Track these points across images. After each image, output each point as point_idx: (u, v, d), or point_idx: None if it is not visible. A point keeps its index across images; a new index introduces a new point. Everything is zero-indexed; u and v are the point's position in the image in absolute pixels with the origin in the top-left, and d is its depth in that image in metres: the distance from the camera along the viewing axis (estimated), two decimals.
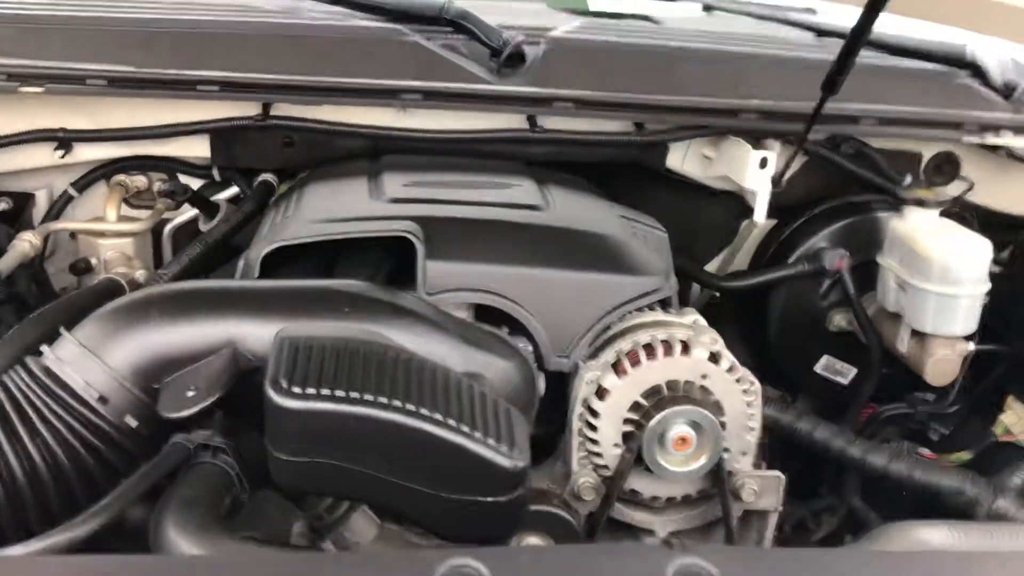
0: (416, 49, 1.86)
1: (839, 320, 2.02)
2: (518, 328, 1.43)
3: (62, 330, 1.26)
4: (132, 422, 1.21)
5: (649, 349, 1.42)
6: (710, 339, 1.42)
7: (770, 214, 1.97)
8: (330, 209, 1.52)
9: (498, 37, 1.94)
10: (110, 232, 2.02)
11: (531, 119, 1.94)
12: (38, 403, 1.19)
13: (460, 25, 1.96)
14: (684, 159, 2.07)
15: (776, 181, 1.93)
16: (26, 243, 1.86)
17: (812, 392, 2.17)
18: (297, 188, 1.73)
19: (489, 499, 1.08)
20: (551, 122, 1.95)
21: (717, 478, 1.43)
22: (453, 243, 1.42)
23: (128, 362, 1.22)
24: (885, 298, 1.91)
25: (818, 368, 2.10)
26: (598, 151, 1.99)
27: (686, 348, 1.41)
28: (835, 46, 2.12)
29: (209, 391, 1.17)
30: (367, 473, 1.08)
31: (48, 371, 1.22)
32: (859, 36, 1.61)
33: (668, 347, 1.42)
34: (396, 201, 1.55)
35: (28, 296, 1.87)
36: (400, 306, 1.28)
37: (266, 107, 1.89)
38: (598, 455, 1.43)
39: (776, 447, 1.87)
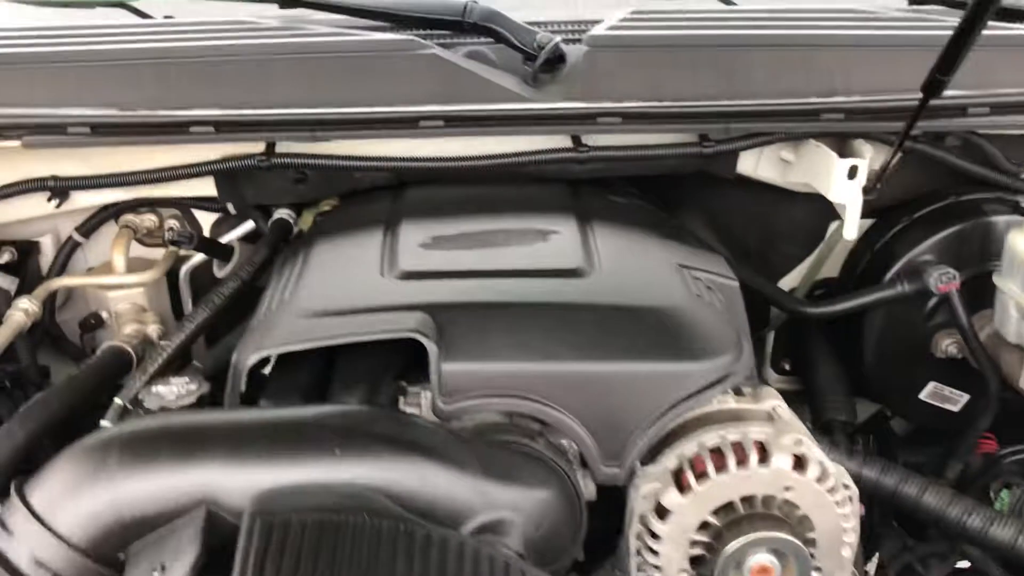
0: (435, 64, 1.59)
1: (948, 346, 1.72)
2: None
3: (12, 489, 1.07)
4: None
5: (718, 456, 1.16)
6: (793, 440, 1.15)
7: (863, 213, 1.67)
8: (331, 293, 1.29)
9: (531, 39, 1.67)
10: (117, 285, 1.83)
11: (575, 138, 1.66)
12: None
13: (486, 28, 1.69)
14: (758, 164, 1.77)
15: (869, 189, 1.63)
16: (20, 313, 1.69)
17: (916, 419, 1.89)
18: (305, 245, 1.50)
19: None
20: (598, 138, 1.67)
21: None
22: (474, 336, 1.18)
23: (85, 529, 1.03)
24: (1004, 326, 1.61)
25: (923, 395, 1.81)
26: (654, 164, 1.71)
27: (764, 453, 1.16)
28: (934, 17, 1.79)
29: (179, 571, 0.97)
30: None
31: None
32: (972, 25, 1.28)
33: (742, 452, 1.16)
34: (408, 277, 1.30)
35: (31, 373, 1.70)
36: (403, 442, 1.05)
37: (270, 145, 1.65)
38: None
39: None
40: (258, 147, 1.66)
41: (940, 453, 1.87)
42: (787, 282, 1.94)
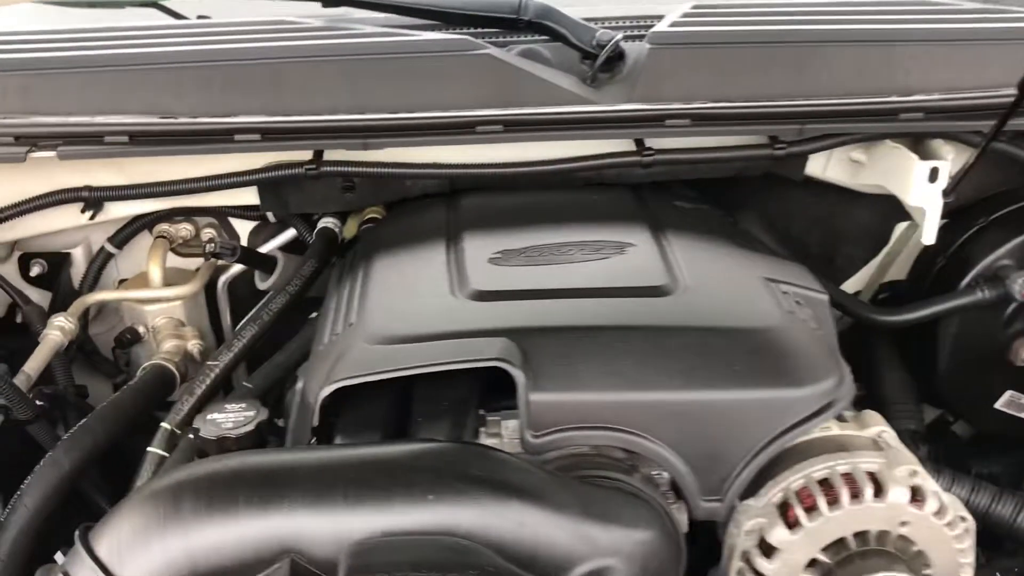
0: (491, 65, 1.50)
1: None
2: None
3: (77, 537, 0.98)
4: None
5: (828, 488, 1.09)
6: (908, 471, 1.07)
7: None
8: (402, 316, 1.20)
9: (589, 36, 1.58)
10: (155, 299, 1.75)
11: (638, 141, 1.57)
12: None
13: (542, 26, 1.60)
14: (827, 166, 1.69)
15: (948, 192, 1.55)
16: (57, 332, 1.61)
17: (989, 427, 1.81)
18: (363, 260, 1.42)
19: None
20: (662, 140, 1.59)
21: None
22: (562, 364, 1.10)
23: None
24: None
25: (999, 405, 1.73)
26: (720, 167, 1.63)
27: (878, 486, 1.08)
28: (1015, 9, 1.71)
29: None
30: None
31: None
32: None
33: (854, 486, 1.08)
34: (483, 297, 1.22)
35: (68, 394, 1.62)
36: (499, 484, 0.97)
37: (318, 152, 1.57)
38: None
39: None
40: (305, 154, 1.57)
41: (1015, 462, 1.80)
42: (850, 285, 1.86)
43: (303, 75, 1.51)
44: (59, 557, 1.01)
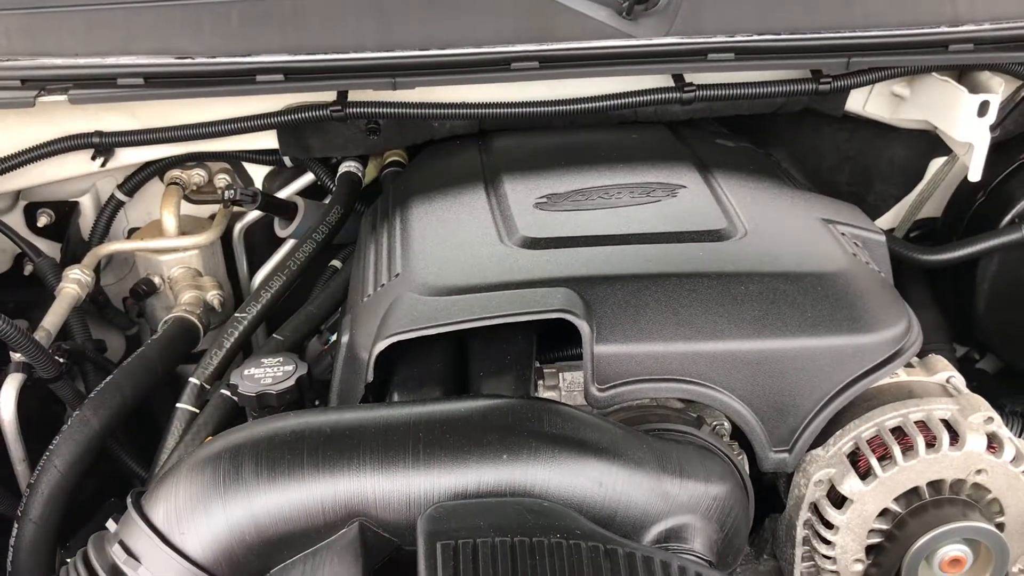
0: None
1: None
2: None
3: (130, 504, 0.94)
4: None
5: (901, 437, 1.05)
6: (983, 417, 1.04)
7: None
8: (452, 266, 1.14)
9: None
10: (171, 248, 1.69)
11: (677, 77, 1.51)
12: None
13: None
14: (867, 100, 1.63)
15: (995, 126, 1.50)
16: (73, 286, 1.54)
17: None
18: (399, 206, 1.35)
19: None
20: (701, 75, 1.52)
21: None
22: (628, 314, 1.05)
23: (220, 551, 0.90)
24: None
25: None
26: (762, 103, 1.57)
27: (954, 434, 1.04)
28: None
29: None
30: None
31: (117, 574, 0.90)
32: None
33: (928, 434, 1.05)
34: (534, 244, 1.16)
35: (88, 349, 1.56)
36: (575, 442, 0.92)
37: (343, 93, 1.49)
38: (833, 572, 1.10)
39: None
40: (328, 95, 1.50)
41: None
42: (882, 223, 1.82)
43: (327, 10, 1.42)
44: (111, 525, 0.96)
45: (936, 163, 1.74)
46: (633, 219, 1.21)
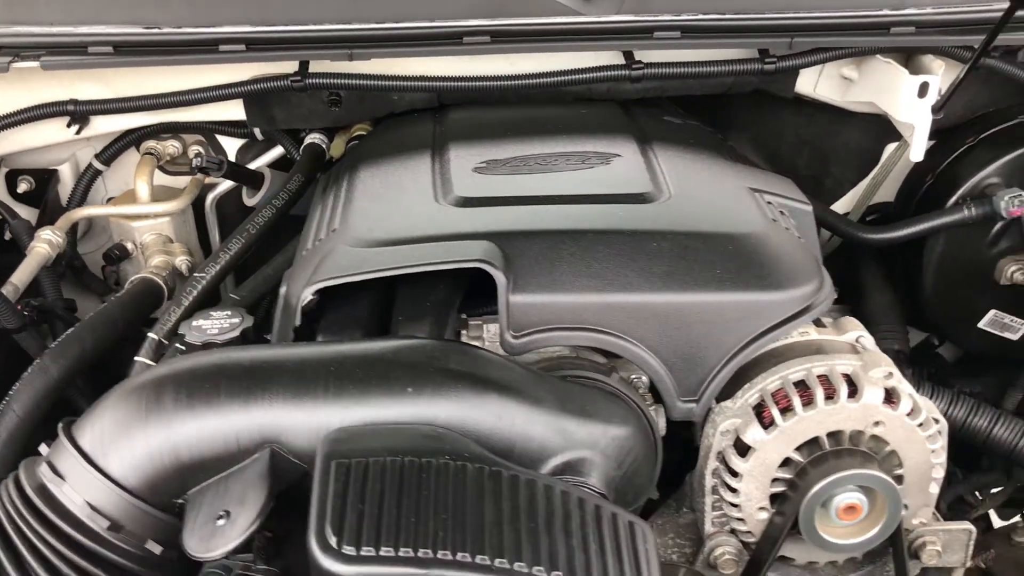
0: None
1: (1013, 272, 1.65)
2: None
3: (60, 429, 1.00)
4: (155, 548, 0.97)
5: (803, 390, 1.10)
6: (883, 372, 1.09)
7: None
8: (385, 221, 1.20)
9: None
10: (143, 215, 1.75)
11: (627, 54, 1.56)
12: (32, 536, 0.94)
13: None
14: (817, 82, 1.68)
15: (937, 108, 1.54)
16: (44, 245, 1.61)
17: (973, 348, 1.82)
18: (348, 170, 1.41)
19: None
20: (651, 54, 1.57)
21: (892, 539, 1.13)
22: (544, 266, 1.10)
23: (141, 473, 0.96)
24: None
25: (983, 324, 1.74)
26: (710, 83, 1.62)
27: (853, 387, 1.09)
28: None
29: (244, 519, 0.91)
30: None
31: (43, 491, 0.97)
32: None
33: (829, 387, 1.09)
34: (466, 203, 1.22)
35: (57, 307, 1.62)
36: (479, 378, 0.98)
37: (303, 64, 1.55)
38: (739, 519, 1.14)
39: None
40: (291, 67, 1.56)
41: (996, 382, 1.82)
42: (839, 207, 1.86)
43: None
44: (43, 449, 1.02)
45: (890, 147, 1.78)
46: (563, 182, 1.26)
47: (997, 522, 1.93)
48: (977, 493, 1.85)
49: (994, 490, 1.85)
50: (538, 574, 0.80)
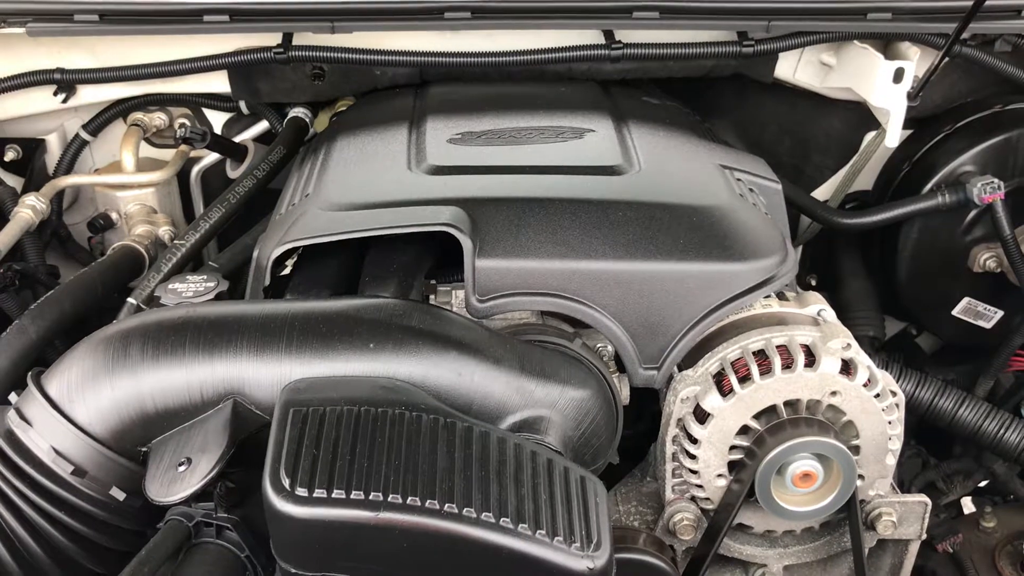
0: None
1: (985, 259, 1.67)
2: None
3: (29, 378, 1.02)
4: (119, 494, 0.99)
5: (762, 359, 1.12)
6: (841, 344, 1.10)
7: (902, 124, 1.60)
8: (358, 187, 1.22)
9: None
10: (128, 184, 1.77)
11: (607, 33, 1.58)
12: None
13: None
14: (797, 68, 1.70)
15: (913, 95, 1.55)
16: (28, 211, 1.63)
17: (947, 335, 1.84)
18: (327, 141, 1.43)
19: None
20: (631, 34, 1.59)
21: (848, 508, 1.15)
22: (510, 232, 1.12)
23: (106, 421, 0.98)
24: None
25: (956, 311, 1.76)
26: (690, 65, 1.63)
27: (811, 357, 1.11)
28: None
29: (205, 466, 0.93)
30: None
31: (10, 437, 0.99)
32: None
33: (787, 356, 1.11)
34: (438, 171, 1.24)
35: (40, 272, 1.64)
36: (440, 336, 1.00)
37: (287, 36, 1.57)
38: (698, 486, 1.16)
39: None
40: (274, 39, 1.58)
41: (969, 371, 1.84)
42: (818, 194, 1.88)
43: None
44: (12, 397, 1.04)
45: (869, 135, 1.80)
46: (535, 154, 1.28)
47: (969, 508, 1.95)
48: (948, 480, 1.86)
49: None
50: (486, 519, 0.82)
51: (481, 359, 1.00)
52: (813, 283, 1.93)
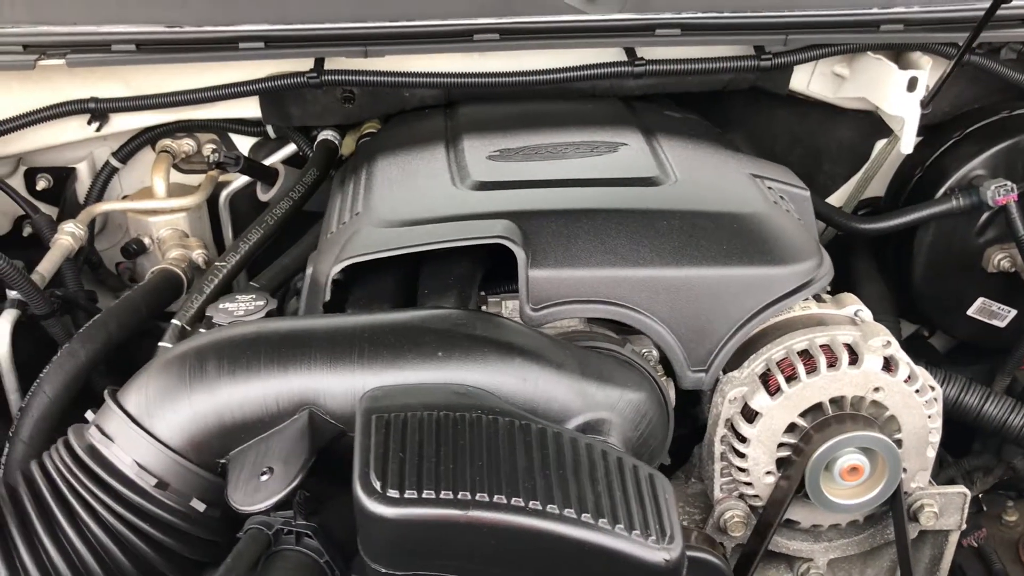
0: None
1: (1000, 260, 1.72)
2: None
3: (107, 395, 1.05)
4: (199, 506, 1.02)
5: (807, 358, 1.16)
6: (882, 341, 1.15)
7: None
8: (407, 203, 1.27)
9: None
10: (160, 210, 1.81)
11: (629, 51, 1.63)
12: (84, 493, 1.00)
13: None
14: (811, 80, 1.75)
15: (925, 103, 1.61)
16: (68, 237, 1.66)
17: (961, 335, 1.89)
18: (366, 161, 1.47)
19: None
20: (652, 51, 1.64)
21: (892, 501, 1.19)
22: (559, 243, 1.17)
23: (185, 434, 1.01)
24: None
25: (971, 311, 1.82)
26: (708, 79, 1.69)
27: (853, 355, 1.15)
28: None
29: (287, 475, 0.97)
30: None
31: (93, 452, 1.02)
32: None
33: (831, 355, 1.16)
34: (483, 187, 1.28)
35: (80, 298, 1.67)
36: (504, 344, 1.04)
37: (319, 61, 1.62)
38: (747, 484, 1.20)
39: None
40: (306, 64, 1.62)
41: (982, 370, 1.89)
42: (831, 202, 1.93)
43: None
44: (89, 415, 1.07)
45: (880, 143, 1.86)
46: (574, 168, 1.33)
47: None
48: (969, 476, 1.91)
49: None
50: (569, 515, 0.85)
51: (544, 364, 1.04)
52: (828, 288, 1.97)
